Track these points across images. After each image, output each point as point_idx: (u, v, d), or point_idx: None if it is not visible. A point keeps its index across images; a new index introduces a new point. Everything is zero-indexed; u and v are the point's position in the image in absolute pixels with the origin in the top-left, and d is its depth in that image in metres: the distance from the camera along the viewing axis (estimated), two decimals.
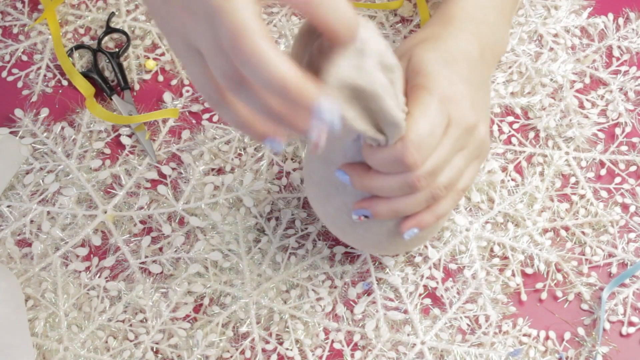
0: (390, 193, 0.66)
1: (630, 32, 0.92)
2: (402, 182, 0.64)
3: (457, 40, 0.71)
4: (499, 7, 0.76)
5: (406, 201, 0.66)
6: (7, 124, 0.90)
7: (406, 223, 0.69)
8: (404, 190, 0.65)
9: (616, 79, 0.90)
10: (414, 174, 0.64)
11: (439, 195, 0.67)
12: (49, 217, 0.85)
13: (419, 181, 0.64)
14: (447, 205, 0.69)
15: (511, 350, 0.77)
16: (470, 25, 0.73)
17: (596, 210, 0.83)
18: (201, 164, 0.87)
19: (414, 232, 0.69)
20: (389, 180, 0.65)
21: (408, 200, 0.66)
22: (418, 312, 0.80)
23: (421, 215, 0.68)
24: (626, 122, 0.88)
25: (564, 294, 0.81)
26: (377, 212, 0.67)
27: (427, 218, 0.68)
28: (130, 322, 0.81)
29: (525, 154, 0.87)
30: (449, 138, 0.65)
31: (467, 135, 0.66)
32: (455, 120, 0.65)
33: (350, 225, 0.72)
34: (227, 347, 0.79)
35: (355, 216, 0.69)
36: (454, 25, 0.73)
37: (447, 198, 0.68)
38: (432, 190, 0.66)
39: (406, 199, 0.66)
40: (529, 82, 0.89)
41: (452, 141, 0.65)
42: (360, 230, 0.71)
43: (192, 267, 0.82)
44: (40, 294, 0.82)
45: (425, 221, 0.69)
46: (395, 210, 0.67)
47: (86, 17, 0.96)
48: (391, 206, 0.67)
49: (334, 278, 0.82)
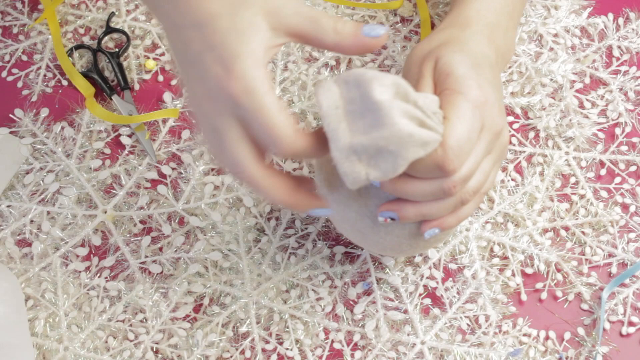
0: (423, 198, 0.65)
1: (630, 32, 0.92)
2: (437, 188, 0.64)
3: (477, 43, 0.71)
4: (510, 12, 0.76)
5: (436, 205, 0.66)
6: (7, 124, 0.90)
7: (429, 223, 0.68)
8: (437, 195, 0.65)
9: (616, 78, 0.90)
10: (450, 180, 0.63)
11: (467, 200, 0.67)
12: (49, 217, 0.85)
13: (455, 187, 0.64)
14: (470, 209, 0.69)
15: (511, 350, 0.77)
16: (486, 30, 0.73)
17: (596, 210, 0.83)
18: (201, 164, 0.87)
19: (435, 232, 0.69)
20: (424, 185, 0.64)
21: (438, 204, 0.66)
22: (418, 312, 0.80)
23: (445, 217, 0.68)
24: (626, 122, 0.88)
25: (564, 294, 0.81)
26: (404, 215, 0.67)
27: (450, 220, 0.68)
28: (130, 322, 0.81)
29: (525, 153, 0.87)
30: (482, 143, 0.65)
31: (495, 140, 0.66)
32: (487, 125, 0.65)
33: (372, 229, 0.71)
34: (227, 347, 0.79)
35: (382, 218, 0.68)
36: (472, 28, 0.73)
37: (471, 202, 0.68)
38: (462, 196, 0.66)
39: (436, 204, 0.66)
40: (529, 82, 0.89)
41: (485, 146, 0.65)
42: (382, 234, 0.71)
43: (192, 267, 0.82)
44: (40, 294, 0.82)
45: (448, 223, 0.68)
46: (423, 214, 0.67)
47: (86, 17, 0.96)
48: (420, 209, 0.66)
49: (334, 278, 0.82)
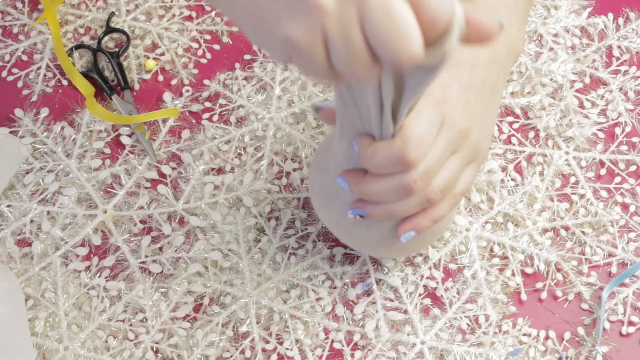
0: (387, 197, 0.66)
1: (630, 31, 0.92)
2: (398, 184, 0.64)
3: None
4: (510, 6, 0.76)
5: (400, 203, 0.66)
6: (7, 123, 0.90)
7: (402, 226, 0.69)
8: (399, 194, 0.65)
9: (616, 78, 0.90)
10: (409, 175, 0.63)
11: (433, 199, 0.66)
12: (49, 216, 0.85)
13: (415, 183, 0.64)
14: (443, 209, 0.68)
15: (511, 349, 0.77)
16: None
17: (596, 210, 0.83)
18: (201, 164, 0.87)
19: (410, 234, 0.69)
20: (385, 183, 0.65)
21: (402, 202, 0.66)
22: (418, 312, 0.80)
23: (417, 218, 0.68)
24: (626, 122, 0.88)
25: (563, 293, 0.81)
26: (371, 213, 0.68)
27: (423, 221, 0.68)
28: (130, 322, 0.81)
29: (525, 153, 0.87)
30: (442, 139, 0.65)
31: (460, 139, 0.66)
32: (447, 122, 0.65)
33: (353, 226, 0.72)
34: (227, 346, 0.79)
35: (351, 215, 0.69)
36: None
37: (443, 202, 0.68)
38: (427, 194, 0.66)
39: (401, 202, 0.66)
40: (529, 82, 0.89)
41: (445, 143, 0.65)
42: (364, 229, 0.72)
43: (192, 266, 0.82)
44: (40, 294, 0.82)
45: (422, 224, 0.69)
46: (388, 212, 0.67)
47: (86, 16, 0.96)
48: (385, 207, 0.67)
49: (334, 278, 0.82)
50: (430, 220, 0.68)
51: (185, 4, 0.97)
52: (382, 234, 0.72)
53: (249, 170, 0.86)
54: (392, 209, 0.67)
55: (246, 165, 0.87)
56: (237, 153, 0.88)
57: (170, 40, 0.94)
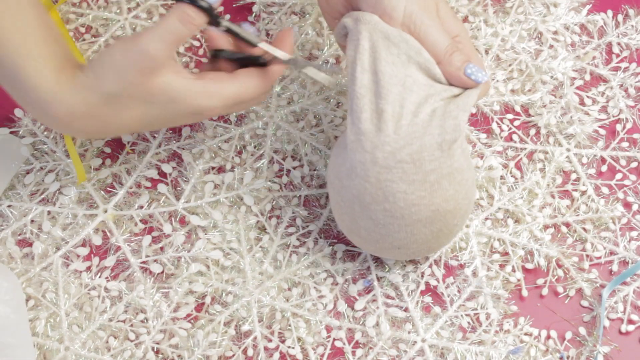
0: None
1: (629, 28, 0.92)
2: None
3: None
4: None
5: None
6: (7, 124, 0.90)
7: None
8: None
9: (616, 75, 0.90)
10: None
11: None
12: (49, 216, 0.85)
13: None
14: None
15: (512, 348, 0.77)
16: None
17: (597, 207, 0.84)
18: (201, 163, 0.87)
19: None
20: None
21: None
22: (419, 309, 0.80)
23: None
24: (627, 119, 0.88)
25: (564, 289, 0.81)
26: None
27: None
28: (131, 322, 0.81)
29: (526, 150, 0.87)
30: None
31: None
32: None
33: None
34: (230, 345, 0.79)
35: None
36: None
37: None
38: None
39: None
40: (529, 80, 0.89)
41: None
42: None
43: (193, 266, 0.82)
44: (41, 294, 0.82)
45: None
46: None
47: (87, 15, 0.96)
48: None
49: (335, 275, 0.82)
50: None
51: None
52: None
53: (249, 169, 0.86)
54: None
55: (246, 163, 0.87)
56: (238, 151, 0.88)
57: None
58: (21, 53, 0.68)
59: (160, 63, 0.68)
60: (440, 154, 0.70)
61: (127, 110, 0.70)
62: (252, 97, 0.74)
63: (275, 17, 0.94)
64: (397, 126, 0.70)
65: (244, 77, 0.74)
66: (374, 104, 0.71)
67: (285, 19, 0.94)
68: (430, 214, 0.72)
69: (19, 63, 0.68)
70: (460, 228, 0.77)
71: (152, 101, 0.70)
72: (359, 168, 0.71)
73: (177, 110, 0.71)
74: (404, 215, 0.72)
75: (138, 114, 0.70)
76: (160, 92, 0.69)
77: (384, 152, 0.70)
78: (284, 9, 0.94)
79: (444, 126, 0.70)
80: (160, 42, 0.68)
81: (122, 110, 0.70)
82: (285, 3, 0.94)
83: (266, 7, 0.95)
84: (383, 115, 0.70)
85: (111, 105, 0.69)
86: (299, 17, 0.94)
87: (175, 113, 0.71)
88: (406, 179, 0.70)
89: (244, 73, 0.74)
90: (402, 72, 0.71)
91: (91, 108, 0.69)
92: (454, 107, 0.70)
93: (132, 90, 0.68)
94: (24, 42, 0.68)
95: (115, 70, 0.68)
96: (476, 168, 0.85)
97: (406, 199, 0.71)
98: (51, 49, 0.69)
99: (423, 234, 0.73)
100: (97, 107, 0.69)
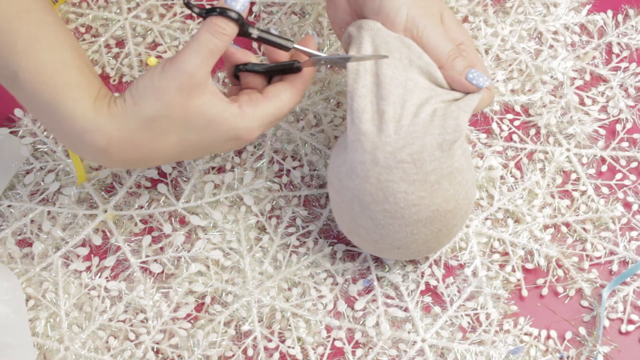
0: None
1: (629, 28, 0.92)
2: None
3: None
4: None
5: None
6: (7, 124, 0.90)
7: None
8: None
9: (616, 75, 0.90)
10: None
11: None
12: (49, 216, 0.85)
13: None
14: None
15: (512, 348, 0.77)
16: None
17: (597, 207, 0.84)
18: (201, 162, 0.87)
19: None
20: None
21: None
22: (419, 309, 0.80)
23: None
24: (627, 119, 0.88)
25: (564, 289, 0.81)
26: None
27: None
28: (131, 322, 0.81)
29: (526, 150, 0.87)
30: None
31: None
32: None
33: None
34: (230, 345, 0.79)
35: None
36: None
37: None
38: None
39: None
40: (529, 80, 0.89)
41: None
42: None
43: (193, 266, 0.82)
44: (41, 294, 0.82)
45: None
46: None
47: (87, 15, 0.96)
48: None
49: (335, 275, 0.82)
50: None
51: None
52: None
53: (249, 169, 0.86)
54: None
55: (246, 163, 0.87)
56: (237, 151, 0.88)
57: (171, 38, 0.94)
58: (55, 83, 0.67)
59: (198, 81, 0.67)
60: (441, 154, 0.70)
61: (166, 135, 0.69)
62: (288, 110, 0.73)
63: (275, 17, 0.94)
64: (397, 126, 0.70)
65: (278, 93, 0.72)
66: (375, 104, 0.71)
67: (285, 19, 0.94)
68: (430, 214, 0.72)
69: (55, 92, 0.67)
70: (460, 228, 0.77)
71: (190, 124, 0.69)
72: (359, 168, 0.71)
73: (215, 134, 0.70)
74: (404, 215, 0.72)
75: (177, 140, 0.69)
76: (198, 114, 0.68)
77: (384, 153, 0.70)
78: (284, 9, 0.94)
79: (444, 126, 0.70)
80: (195, 58, 0.67)
81: (161, 135, 0.69)
82: (285, 3, 0.94)
83: (266, 7, 0.95)
84: (384, 116, 0.70)
85: (150, 131, 0.68)
86: (299, 17, 0.94)
87: (214, 138, 0.70)
88: (407, 179, 0.70)
89: (277, 89, 0.72)
90: (403, 75, 0.72)
91: (130, 134, 0.68)
92: (455, 107, 0.71)
93: (171, 111, 0.67)
94: (57, 71, 0.68)
95: (154, 91, 0.67)
96: (476, 168, 0.85)
97: (406, 199, 0.71)
98: (86, 77, 0.69)
99: (423, 234, 0.73)
100: (136, 133, 0.68)
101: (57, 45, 0.69)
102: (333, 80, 0.90)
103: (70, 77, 0.68)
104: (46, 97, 0.67)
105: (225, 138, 0.70)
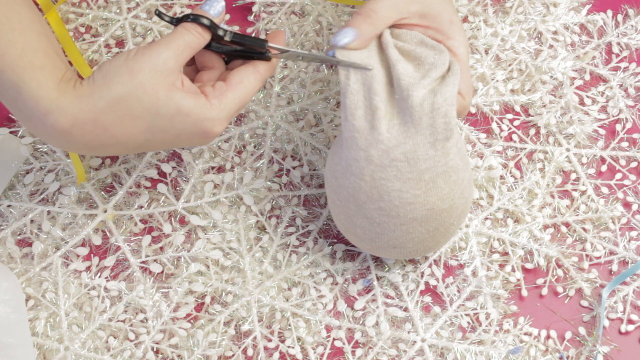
0: None
1: (629, 28, 0.92)
2: None
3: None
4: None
5: None
6: (7, 124, 0.90)
7: None
8: None
9: (616, 75, 0.90)
10: None
11: None
12: (49, 216, 0.85)
13: None
14: None
15: (511, 348, 0.77)
16: None
17: (597, 207, 0.84)
18: (201, 162, 0.87)
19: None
20: None
21: None
22: (418, 309, 0.80)
23: None
24: (627, 118, 0.88)
25: (564, 289, 0.81)
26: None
27: None
28: (131, 322, 0.81)
29: (526, 150, 0.87)
30: None
31: None
32: None
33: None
34: (230, 345, 0.79)
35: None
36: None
37: None
38: None
39: None
40: (529, 80, 0.89)
41: None
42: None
43: (193, 265, 0.82)
44: (40, 294, 0.82)
45: None
46: None
47: (87, 15, 0.96)
48: None
49: (335, 275, 0.82)
50: None
51: (187, 3, 0.96)
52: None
53: (249, 169, 0.87)
54: None
55: (246, 163, 0.87)
56: (237, 151, 0.88)
57: None
58: (20, 64, 0.67)
59: (171, 68, 0.68)
60: (434, 152, 0.70)
61: (134, 120, 0.68)
62: (251, 97, 0.73)
63: (275, 17, 0.94)
64: (389, 125, 0.70)
65: (242, 80, 0.72)
66: (368, 99, 0.71)
67: (285, 19, 0.94)
68: (426, 212, 0.72)
69: (19, 73, 0.67)
70: (458, 227, 0.77)
71: (159, 111, 0.68)
72: (354, 166, 0.71)
73: (182, 125, 0.69)
74: (399, 214, 0.72)
75: (144, 126, 0.69)
76: (168, 101, 0.68)
77: (378, 151, 0.70)
78: (284, 9, 0.94)
79: (434, 125, 0.70)
80: (170, 48, 0.68)
81: (128, 119, 0.68)
82: (285, 3, 0.94)
83: (266, 7, 0.95)
84: (377, 113, 0.70)
85: (117, 112, 0.68)
86: (298, 17, 0.94)
87: (181, 129, 0.70)
88: (401, 178, 0.71)
89: (240, 75, 0.72)
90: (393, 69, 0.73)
91: (95, 115, 0.67)
92: (442, 100, 0.70)
93: (141, 93, 0.67)
94: (23, 53, 0.67)
95: (128, 71, 0.67)
96: (476, 168, 0.85)
97: (401, 198, 0.71)
98: (52, 60, 0.69)
99: (419, 233, 0.73)
100: (102, 114, 0.67)
101: (25, 28, 0.69)
102: (333, 80, 0.90)
103: (35, 59, 0.68)
104: (11, 78, 0.67)
105: (192, 130, 0.70)
